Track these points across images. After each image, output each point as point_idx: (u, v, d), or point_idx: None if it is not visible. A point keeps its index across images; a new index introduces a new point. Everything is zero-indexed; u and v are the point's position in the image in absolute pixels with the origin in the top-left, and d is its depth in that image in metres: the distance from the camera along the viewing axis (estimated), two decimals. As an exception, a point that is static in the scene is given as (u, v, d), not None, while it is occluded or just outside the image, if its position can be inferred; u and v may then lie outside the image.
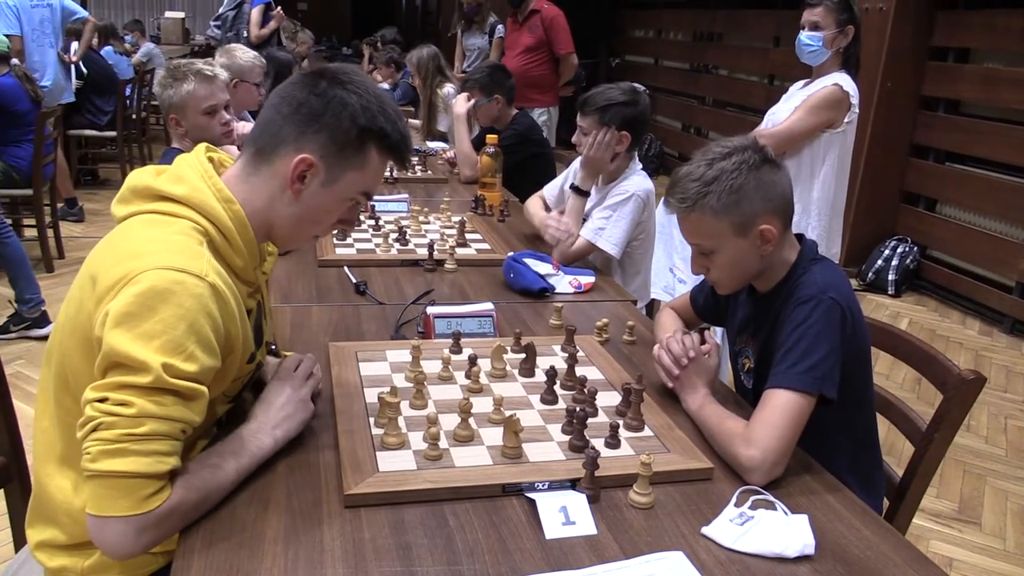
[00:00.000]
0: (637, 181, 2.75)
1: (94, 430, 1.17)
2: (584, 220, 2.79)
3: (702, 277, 1.88)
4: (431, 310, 2.06)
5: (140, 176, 1.38)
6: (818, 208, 3.24)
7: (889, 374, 4.23)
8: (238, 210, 1.36)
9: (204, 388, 1.24)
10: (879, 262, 5.77)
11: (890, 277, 5.70)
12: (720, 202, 1.58)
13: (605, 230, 2.71)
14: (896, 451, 3.38)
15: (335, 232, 2.80)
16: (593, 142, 2.68)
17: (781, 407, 1.51)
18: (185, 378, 1.21)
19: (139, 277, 1.21)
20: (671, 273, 3.53)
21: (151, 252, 1.25)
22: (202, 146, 1.44)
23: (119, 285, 1.21)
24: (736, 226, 1.60)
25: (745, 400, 1.81)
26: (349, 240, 2.83)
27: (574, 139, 2.76)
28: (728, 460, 1.51)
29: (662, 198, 3.60)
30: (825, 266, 1.68)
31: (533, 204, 3.09)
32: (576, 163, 2.83)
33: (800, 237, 1.73)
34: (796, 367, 1.53)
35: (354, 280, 2.42)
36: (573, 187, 2.75)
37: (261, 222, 1.41)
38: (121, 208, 1.36)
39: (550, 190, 3.14)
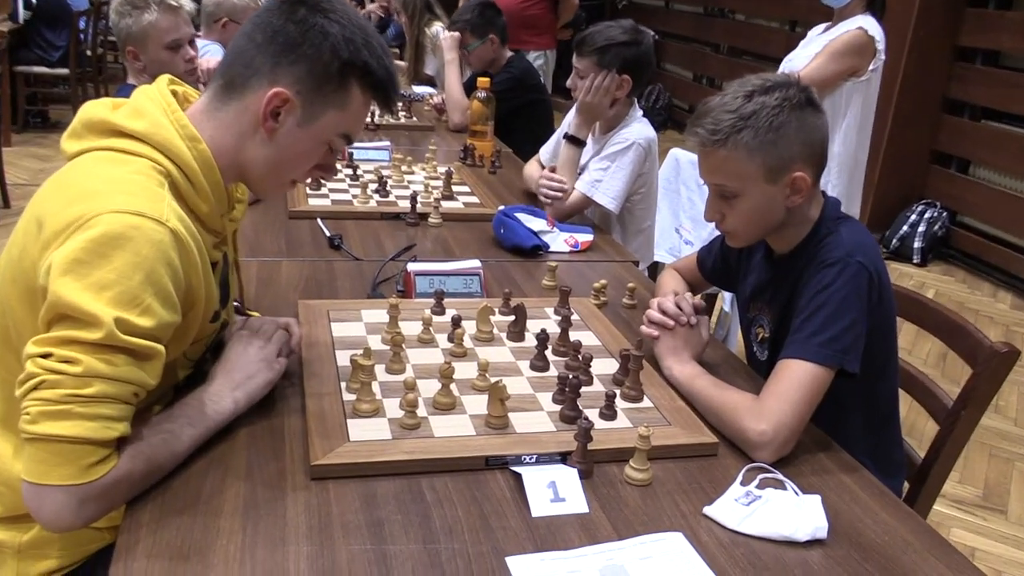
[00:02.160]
0: (638, 129, 2.71)
1: (35, 388, 1.15)
2: (580, 173, 2.76)
3: (711, 239, 1.86)
4: (412, 267, 2.05)
5: (95, 108, 1.34)
6: (838, 164, 3.22)
7: (912, 349, 4.24)
8: (204, 149, 1.33)
9: (160, 347, 1.22)
10: (904, 228, 5.77)
11: (916, 244, 5.70)
12: (756, 140, 1.55)
13: (602, 183, 2.68)
14: (917, 432, 3.39)
15: (308, 181, 2.76)
16: (590, 86, 2.63)
17: (796, 379, 1.50)
18: (140, 335, 1.19)
19: (92, 221, 1.18)
20: (677, 234, 3.52)
21: (105, 193, 1.22)
22: (164, 77, 1.40)
23: (69, 229, 1.18)
24: (768, 169, 1.58)
25: (759, 374, 1.81)
26: (323, 190, 2.80)
27: (569, 82, 2.72)
28: (732, 435, 1.51)
29: (668, 152, 3.60)
30: (852, 226, 1.66)
31: (531, 168, 3.06)
32: (572, 111, 2.80)
33: (823, 194, 1.71)
34: (816, 337, 1.52)
35: (328, 233, 2.41)
36: (567, 136, 2.72)
37: (230, 164, 1.38)
38: (72, 144, 1.33)
39: (546, 150, 3.10)
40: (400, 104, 4.17)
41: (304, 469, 1.33)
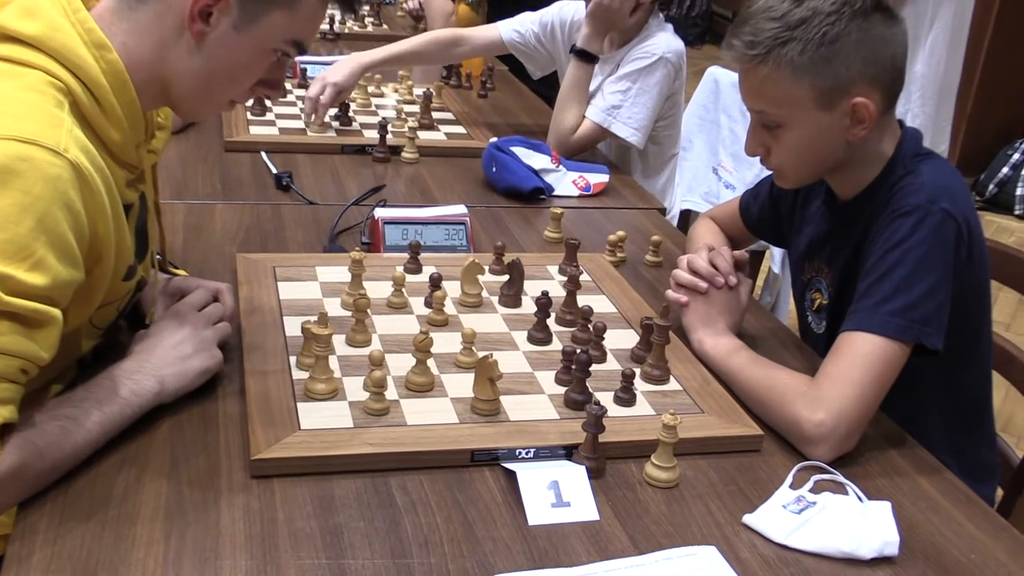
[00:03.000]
0: (664, 40, 2.69)
1: (-103, 363, 1.15)
2: (591, 97, 2.75)
3: (755, 179, 1.85)
4: (380, 213, 2.04)
5: (-30, 6, 1.33)
6: (921, 87, 3.20)
7: (1011, 322, 4.24)
8: (114, 59, 1.32)
9: (57, 312, 1.21)
10: (1004, 170, 5.75)
11: (1018, 191, 5.69)
12: (805, 55, 1.54)
13: (621, 109, 2.67)
14: (1016, 425, 3.41)
15: (250, 102, 2.76)
16: (606, -15, 2.62)
17: (863, 357, 1.50)
18: (30, 296, 1.17)
19: (-33, 151, 1.17)
20: (715, 175, 3.51)
21: (-16, 115, 1.21)
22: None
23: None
24: (820, 93, 1.56)
25: (814, 351, 1.81)
26: (269, 115, 2.78)
27: None
28: (781, 426, 1.51)
29: (706, 72, 3.58)
30: (936, 165, 1.65)
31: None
32: (579, 9, 2.76)
33: (900, 125, 1.70)
34: (888, 304, 1.52)
35: (275, 170, 2.39)
36: (576, 50, 2.70)
37: (149, 78, 1.36)
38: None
39: (510, 26, 3.02)
40: (366, 6, 4.13)
41: (243, 464, 1.33)
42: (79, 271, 1.25)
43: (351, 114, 2.79)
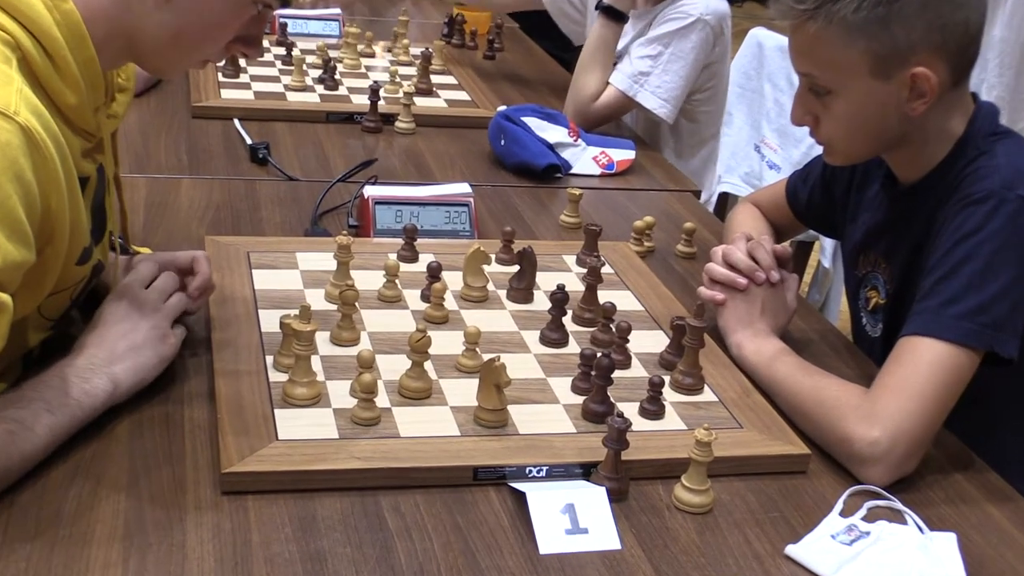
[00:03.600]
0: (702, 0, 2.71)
1: None
2: (617, 61, 2.75)
3: (804, 158, 1.85)
4: (371, 192, 2.04)
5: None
6: (1000, 55, 3.19)
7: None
8: (70, 11, 1.32)
9: (7, 297, 1.22)
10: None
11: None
12: (860, 14, 1.54)
13: (651, 76, 2.67)
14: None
15: (223, 62, 2.76)
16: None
17: (926, 366, 1.50)
18: (-28, 280, 1.19)
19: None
20: (757, 153, 3.51)
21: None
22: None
23: None
24: (876, 59, 1.56)
25: (869, 358, 1.81)
26: (244, 77, 2.79)
27: None
28: (830, 445, 1.52)
29: (748, 34, 3.57)
30: (1014, 145, 1.65)
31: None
32: None
33: (974, 98, 1.71)
34: (956, 305, 1.52)
35: (250, 141, 2.40)
36: (602, 6, 2.70)
37: (110, 33, 1.36)
38: None
39: None
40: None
41: (212, 479, 1.33)
42: (30, 252, 1.25)
43: (337, 77, 2.80)
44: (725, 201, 3.49)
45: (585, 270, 1.81)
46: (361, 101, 2.66)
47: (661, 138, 2.88)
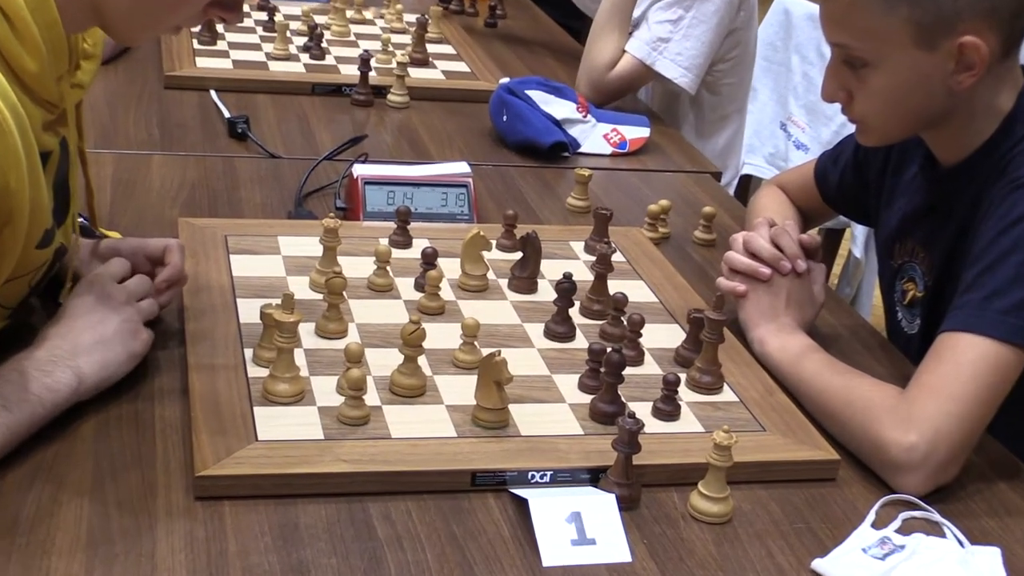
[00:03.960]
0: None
1: None
2: (633, 29, 2.75)
3: (835, 137, 1.84)
4: (361, 171, 2.04)
5: None
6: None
7: None
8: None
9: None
10: None
11: None
12: None
13: (670, 43, 2.67)
14: None
15: (199, 28, 2.76)
16: None
17: (968, 365, 1.50)
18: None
19: None
20: (783, 131, 3.51)
21: None
22: None
23: None
24: (920, 27, 1.56)
25: (906, 356, 1.81)
26: (221, 44, 2.79)
27: None
28: (862, 450, 1.52)
29: (774, 2, 3.56)
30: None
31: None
32: None
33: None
34: (1001, 298, 1.52)
35: (228, 114, 2.40)
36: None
37: (73, -3, 1.37)
38: None
39: None
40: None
41: (185, 483, 1.33)
42: (-16, 236, 1.26)
43: (324, 45, 2.79)
44: (747, 184, 3.48)
45: (594, 258, 1.80)
46: (350, 72, 2.66)
47: (680, 114, 2.87)
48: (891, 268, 1.87)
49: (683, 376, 1.59)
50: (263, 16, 2.95)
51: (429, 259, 1.75)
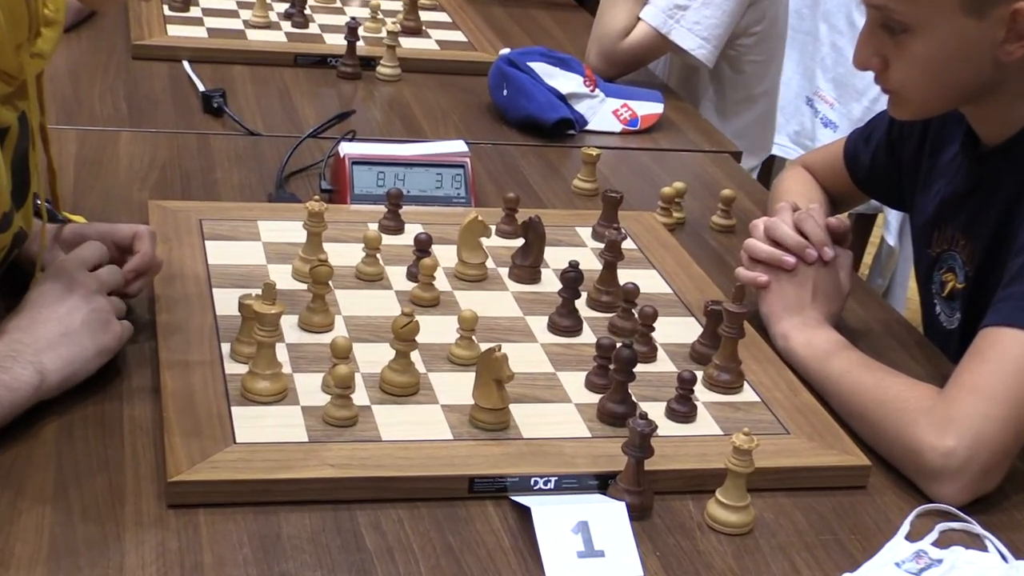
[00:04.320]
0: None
1: None
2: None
3: (866, 114, 1.83)
4: (348, 150, 2.04)
5: None
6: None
7: None
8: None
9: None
10: None
11: None
12: None
13: (688, 11, 2.67)
14: None
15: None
16: None
17: (1012, 363, 1.50)
18: None
19: None
20: (808, 107, 3.50)
21: None
22: None
23: None
24: None
25: (944, 352, 1.82)
26: (194, 10, 2.78)
27: None
28: (895, 454, 1.52)
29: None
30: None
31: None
32: None
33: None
34: None
35: (202, 88, 2.40)
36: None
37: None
38: None
39: None
40: None
41: (156, 490, 1.33)
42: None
43: (308, 12, 2.79)
44: (771, 165, 3.48)
45: (602, 245, 1.81)
46: (336, 41, 2.65)
47: (699, 92, 2.87)
48: (928, 257, 1.87)
49: (699, 374, 1.59)
50: (239, -21, 2.95)
51: (423, 246, 1.75)
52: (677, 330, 1.73)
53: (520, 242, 1.84)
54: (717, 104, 2.86)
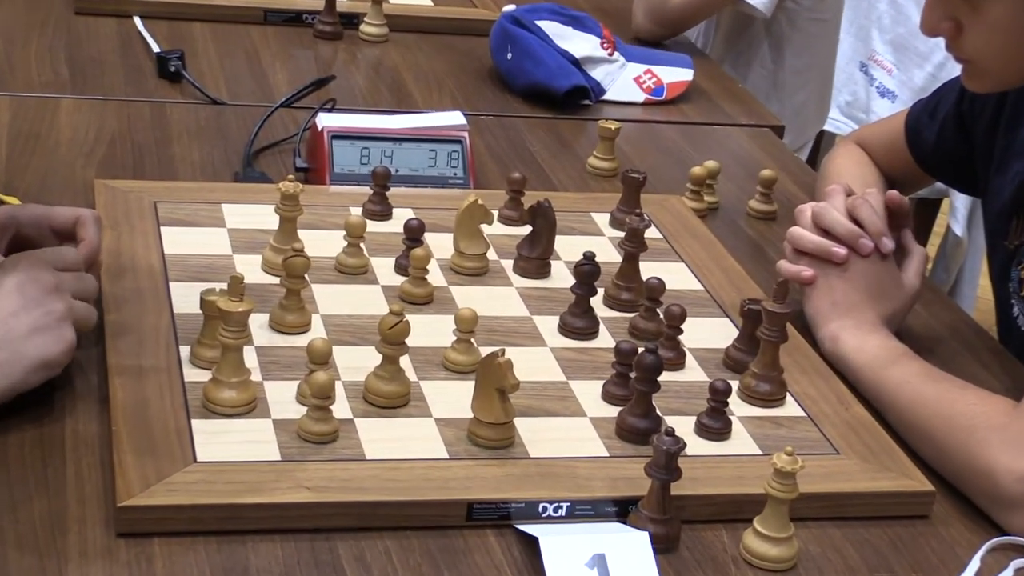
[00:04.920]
0: None
1: None
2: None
3: (929, 83, 1.82)
4: (327, 121, 2.05)
5: None
6: None
7: None
8: None
9: None
10: None
11: None
12: None
13: None
14: None
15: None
16: None
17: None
18: None
19: None
20: (863, 73, 3.50)
21: None
22: None
23: None
24: None
25: (1020, 359, 1.82)
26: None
27: None
28: (963, 478, 1.52)
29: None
30: None
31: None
32: None
33: None
34: None
35: (157, 49, 2.40)
36: None
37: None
38: None
39: None
40: None
41: (104, 516, 1.33)
42: None
43: (280, -39, 2.80)
44: (819, 141, 3.48)
45: (622, 233, 1.80)
46: (312, -5, 2.66)
47: (751, 56, 2.87)
48: (1004, 250, 1.87)
49: (735, 384, 1.59)
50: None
51: (414, 234, 1.75)
52: (709, 333, 1.73)
53: (527, 230, 1.84)
54: (773, 72, 2.86)
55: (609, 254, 1.84)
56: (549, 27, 2.47)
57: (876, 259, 1.74)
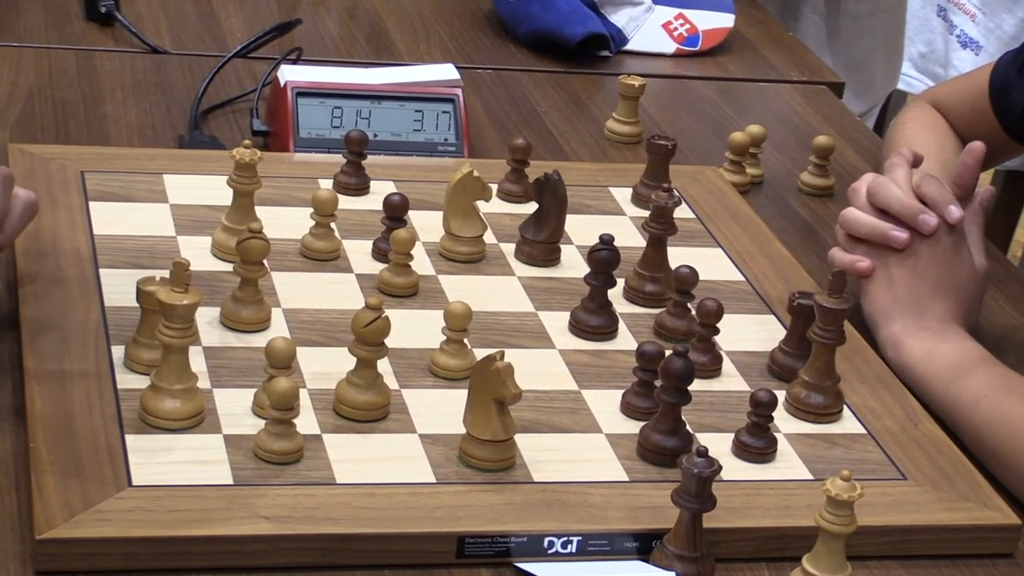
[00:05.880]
0: None
1: None
2: None
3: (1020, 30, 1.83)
4: (291, 76, 2.05)
5: None
6: None
7: None
8: None
9: None
10: None
11: None
12: None
13: None
14: None
15: None
16: None
17: None
18: None
19: None
20: (940, 19, 3.51)
21: None
22: None
23: None
24: None
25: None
26: None
27: None
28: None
29: None
30: None
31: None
32: None
33: None
34: None
35: (88, -13, 2.42)
36: None
37: None
38: None
39: None
40: None
41: (20, 551, 1.33)
42: None
43: None
44: (888, 102, 3.48)
45: (647, 212, 1.82)
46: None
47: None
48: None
49: (781, 394, 1.60)
50: None
51: (396, 212, 1.76)
52: (750, 333, 1.74)
53: (532, 208, 1.85)
54: (827, 18, 2.86)
55: (631, 237, 1.85)
56: (559, -37, 2.48)
57: (945, 242, 1.74)
